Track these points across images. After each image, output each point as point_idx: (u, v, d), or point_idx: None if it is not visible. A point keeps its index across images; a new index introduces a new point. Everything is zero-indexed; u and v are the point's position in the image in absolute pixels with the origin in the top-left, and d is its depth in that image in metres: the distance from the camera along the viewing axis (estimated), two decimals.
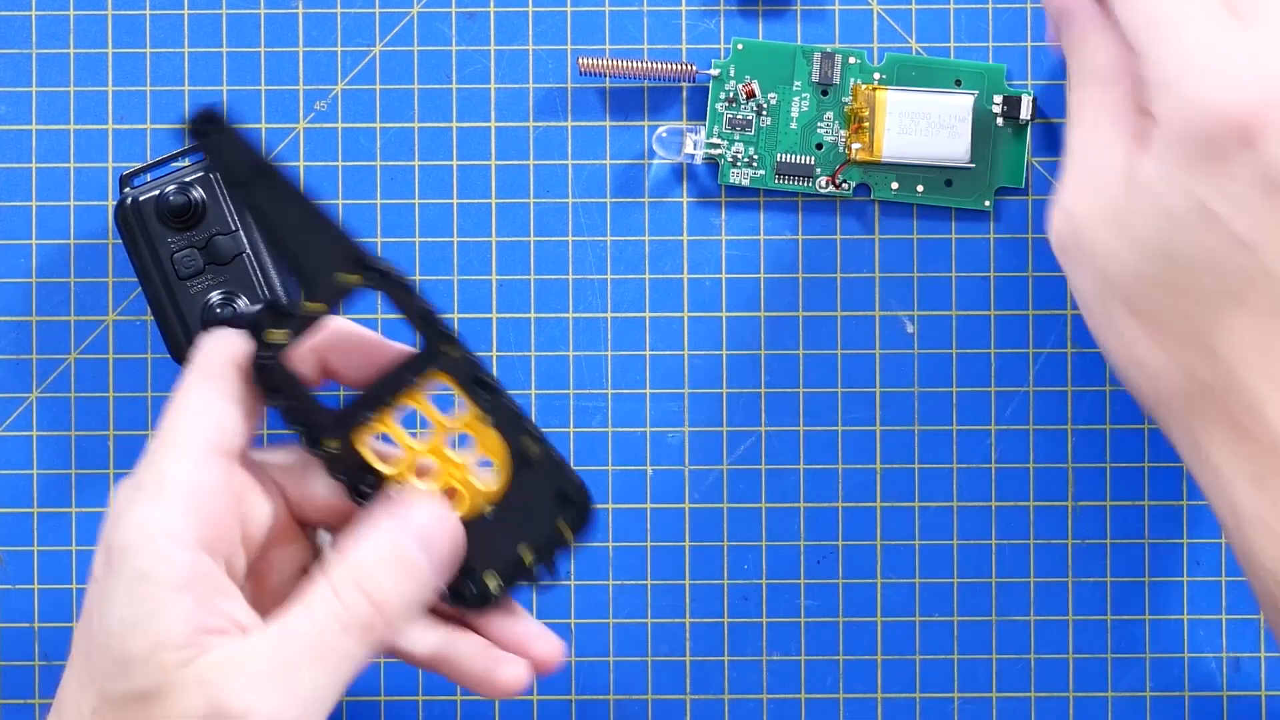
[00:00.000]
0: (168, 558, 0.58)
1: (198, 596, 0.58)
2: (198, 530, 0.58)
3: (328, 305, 0.61)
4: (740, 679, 0.70)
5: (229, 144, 0.60)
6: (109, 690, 0.58)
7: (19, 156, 0.71)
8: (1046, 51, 0.70)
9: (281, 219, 0.60)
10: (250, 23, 0.71)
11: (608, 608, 0.70)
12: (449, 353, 0.61)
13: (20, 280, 0.70)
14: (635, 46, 0.71)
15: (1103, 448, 0.70)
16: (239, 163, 0.60)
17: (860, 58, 0.70)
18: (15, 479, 0.70)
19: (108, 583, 0.58)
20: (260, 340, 0.61)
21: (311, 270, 0.61)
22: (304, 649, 0.57)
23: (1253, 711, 0.70)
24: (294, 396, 0.61)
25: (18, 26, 0.71)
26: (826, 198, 0.71)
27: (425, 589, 0.60)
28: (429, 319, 0.61)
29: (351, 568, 0.59)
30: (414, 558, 0.59)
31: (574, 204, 0.70)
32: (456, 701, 0.70)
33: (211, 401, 0.60)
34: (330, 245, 0.61)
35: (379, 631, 0.58)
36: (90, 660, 0.58)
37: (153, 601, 0.57)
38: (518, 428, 0.62)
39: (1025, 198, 0.70)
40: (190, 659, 0.57)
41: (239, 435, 0.60)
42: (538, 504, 0.62)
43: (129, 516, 0.58)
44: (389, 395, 0.61)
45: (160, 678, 0.57)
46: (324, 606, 0.58)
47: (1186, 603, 0.70)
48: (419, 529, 0.60)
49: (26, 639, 0.70)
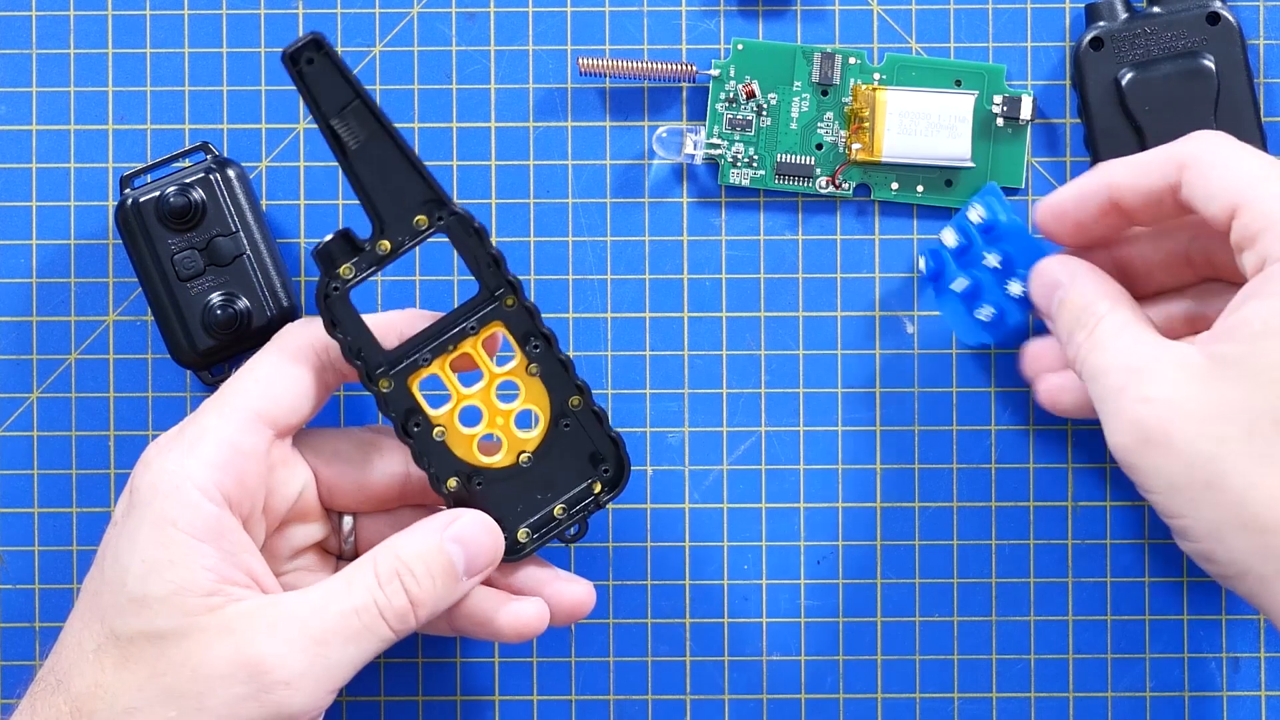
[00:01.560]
0: (196, 506, 0.59)
1: (222, 550, 0.60)
2: (227, 488, 0.60)
3: (399, 245, 0.62)
4: (740, 679, 0.70)
5: (327, 74, 0.61)
6: (119, 627, 0.59)
7: (19, 156, 0.71)
8: (1047, 51, 0.70)
9: (364, 155, 0.61)
10: (250, 23, 0.71)
11: (608, 608, 0.70)
12: (507, 302, 0.63)
13: (20, 280, 0.70)
14: (635, 46, 0.70)
15: (1102, 448, 0.70)
16: (333, 94, 0.61)
17: (860, 58, 0.70)
18: (15, 479, 0.70)
19: (129, 525, 0.60)
20: (330, 271, 0.62)
21: (388, 210, 0.62)
22: (339, 621, 0.59)
23: (1253, 711, 0.70)
24: (354, 332, 0.62)
25: (18, 26, 0.71)
26: (826, 198, 0.70)
27: (460, 591, 0.62)
28: (496, 267, 0.63)
29: (394, 557, 0.61)
30: (454, 562, 0.61)
31: (574, 204, 0.70)
32: (456, 702, 0.70)
33: (275, 374, 0.62)
34: (409, 186, 0.62)
35: (409, 623, 0.60)
36: (99, 598, 0.60)
37: (177, 548, 0.59)
38: (564, 382, 0.63)
39: (1025, 198, 0.70)
40: (215, 606, 0.59)
41: (294, 413, 0.62)
42: (575, 460, 0.64)
43: (160, 462, 0.60)
44: (445, 340, 0.63)
45: (182, 620, 0.58)
46: (365, 589, 0.60)
47: (1186, 603, 0.70)
48: (460, 534, 0.62)
49: (27, 639, 0.70)
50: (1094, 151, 0.69)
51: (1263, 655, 0.70)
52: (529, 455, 0.64)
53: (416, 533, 0.62)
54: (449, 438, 0.63)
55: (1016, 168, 0.70)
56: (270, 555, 0.64)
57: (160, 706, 0.58)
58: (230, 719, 0.58)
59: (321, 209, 0.70)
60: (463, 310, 0.63)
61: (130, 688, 0.58)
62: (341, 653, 0.59)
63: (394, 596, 0.60)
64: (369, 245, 0.62)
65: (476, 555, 0.62)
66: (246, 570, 0.60)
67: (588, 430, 0.64)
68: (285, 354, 0.63)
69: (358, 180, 0.61)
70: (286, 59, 0.60)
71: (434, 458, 0.63)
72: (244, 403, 0.62)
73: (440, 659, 0.70)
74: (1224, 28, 0.68)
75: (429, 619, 0.61)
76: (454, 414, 0.63)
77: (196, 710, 0.58)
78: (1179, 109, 0.68)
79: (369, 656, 0.60)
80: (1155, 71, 0.68)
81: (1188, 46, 0.68)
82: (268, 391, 0.62)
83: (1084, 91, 0.69)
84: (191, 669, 0.58)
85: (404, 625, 0.60)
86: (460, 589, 0.62)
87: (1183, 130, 0.63)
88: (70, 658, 0.60)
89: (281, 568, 0.65)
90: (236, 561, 0.60)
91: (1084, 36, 0.68)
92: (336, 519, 0.66)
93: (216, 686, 0.58)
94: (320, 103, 0.61)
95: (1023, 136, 0.70)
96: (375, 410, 0.70)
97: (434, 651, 0.70)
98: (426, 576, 0.61)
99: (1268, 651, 0.70)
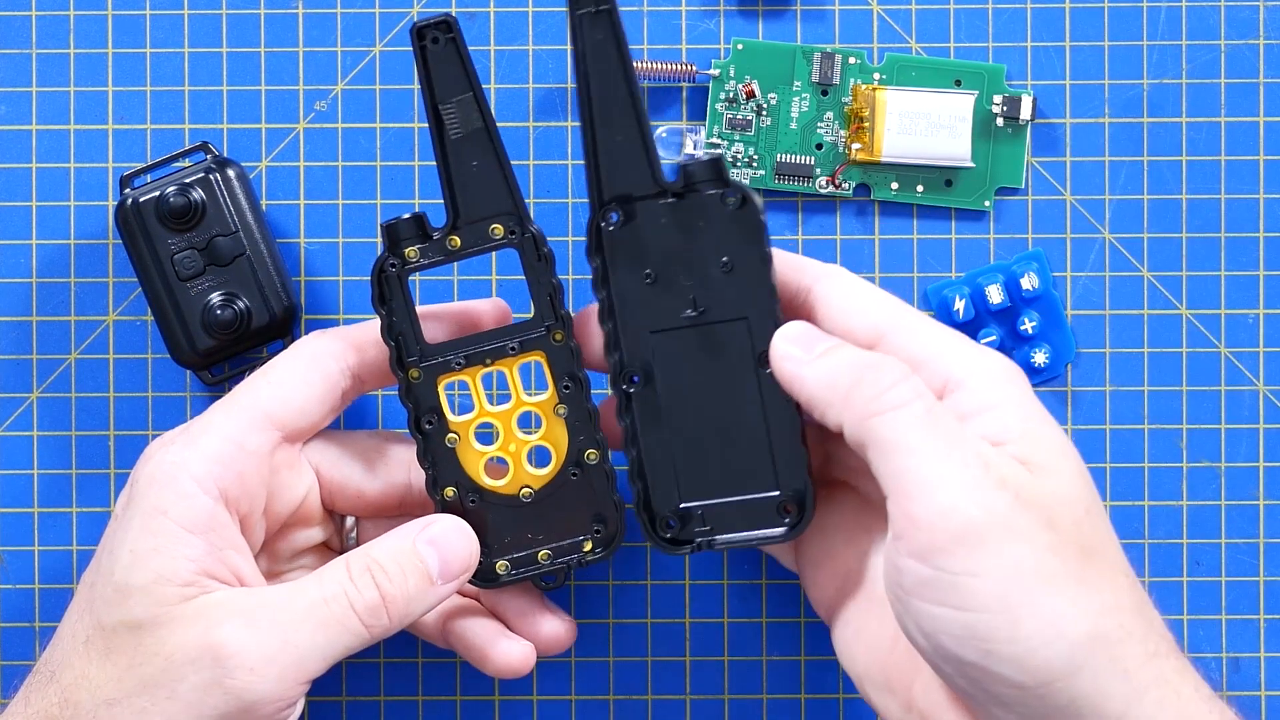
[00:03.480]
0: (189, 497, 0.60)
1: (210, 544, 0.60)
2: (224, 483, 0.60)
3: (468, 246, 0.62)
4: (740, 679, 0.70)
5: (449, 58, 0.61)
6: (104, 618, 0.59)
7: (19, 156, 0.71)
8: (1046, 51, 0.70)
9: (461, 148, 0.61)
10: (250, 23, 0.71)
11: (608, 609, 0.70)
12: (555, 336, 0.62)
13: (20, 280, 0.70)
14: (635, 46, 0.70)
15: (1103, 448, 0.70)
16: (449, 79, 0.61)
17: (860, 58, 0.70)
18: (15, 479, 0.70)
19: (125, 516, 0.60)
20: (394, 248, 0.62)
21: (467, 208, 0.62)
22: (307, 610, 0.59)
23: (1253, 711, 0.70)
24: (400, 314, 0.62)
25: (18, 26, 0.71)
26: (826, 198, 0.70)
27: (433, 593, 0.61)
28: (554, 299, 0.62)
29: (366, 555, 0.61)
30: (425, 561, 0.61)
31: (574, 204, 0.70)
32: (456, 702, 0.70)
33: (290, 378, 0.62)
34: (495, 192, 0.62)
35: (382, 620, 0.60)
36: (93, 590, 0.60)
37: (164, 536, 0.59)
38: (587, 431, 0.63)
39: (1025, 198, 0.70)
40: (190, 596, 0.59)
41: (304, 417, 0.62)
42: (574, 511, 0.63)
43: (160, 455, 0.61)
44: (484, 352, 0.63)
45: (157, 610, 0.58)
46: (335, 580, 0.60)
47: (1186, 603, 0.70)
48: (435, 537, 0.62)
49: (27, 639, 0.70)
50: None
51: (1263, 655, 0.70)
52: (531, 491, 0.63)
53: (391, 534, 0.62)
54: (460, 447, 0.63)
55: (1016, 168, 0.70)
56: (271, 556, 0.64)
57: (137, 698, 0.58)
58: (198, 706, 0.58)
59: (321, 209, 0.70)
60: (511, 329, 0.63)
61: (111, 679, 0.58)
62: (310, 641, 0.59)
63: (365, 590, 0.60)
64: (439, 235, 0.62)
65: (450, 560, 0.62)
66: (231, 567, 0.60)
67: (595, 486, 0.63)
68: (302, 359, 0.63)
69: (447, 169, 0.61)
70: (414, 32, 0.60)
71: (439, 461, 0.63)
72: (253, 402, 0.62)
73: (440, 659, 0.70)
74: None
75: (404, 619, 0.61)
76: (471, 426, 0.63)
77: (168, 699, 0.58)
78: None
79: (340, 650, 0.59)
80: None
81: None
82: (279, 394, 0.62)
83: None
84: (164, 658, 0.58)
85: (376, 620, 0.60)
86: (435, 593, 0.61)
87: None
88: (64, 649, 0.60)
89: (282, 567, 0.65)
90: (222, 557, 0.60)
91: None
92: (339, 518, 0.66)
93: (185, 674, 0.58)
94: (435, 84, 0.61)
95: (1023, 136, 0.70)
96: (375, 417, 0.70)
97: (434, 651, 0.70)
98: (399, 574, 0.60)
99: (1268, 651, 0.70)
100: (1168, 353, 0.70)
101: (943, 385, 0.58)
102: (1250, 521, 0.70)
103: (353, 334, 0.64)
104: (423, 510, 0.65)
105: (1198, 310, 0.70)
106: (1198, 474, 0.70)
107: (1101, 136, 0.70)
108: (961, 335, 0.59)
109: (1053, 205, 0.71)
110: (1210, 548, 0.70)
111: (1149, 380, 0.70)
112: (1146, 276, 0.70)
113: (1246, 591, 0.70)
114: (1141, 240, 0.71)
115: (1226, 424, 0.70)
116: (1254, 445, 0.70)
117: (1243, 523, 0.70)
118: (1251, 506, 0.70)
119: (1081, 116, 0.70)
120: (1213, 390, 0.70)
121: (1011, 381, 0.58)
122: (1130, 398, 0.70)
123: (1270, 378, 0.70)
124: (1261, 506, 0.70)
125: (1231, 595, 0.70)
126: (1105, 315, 0.70)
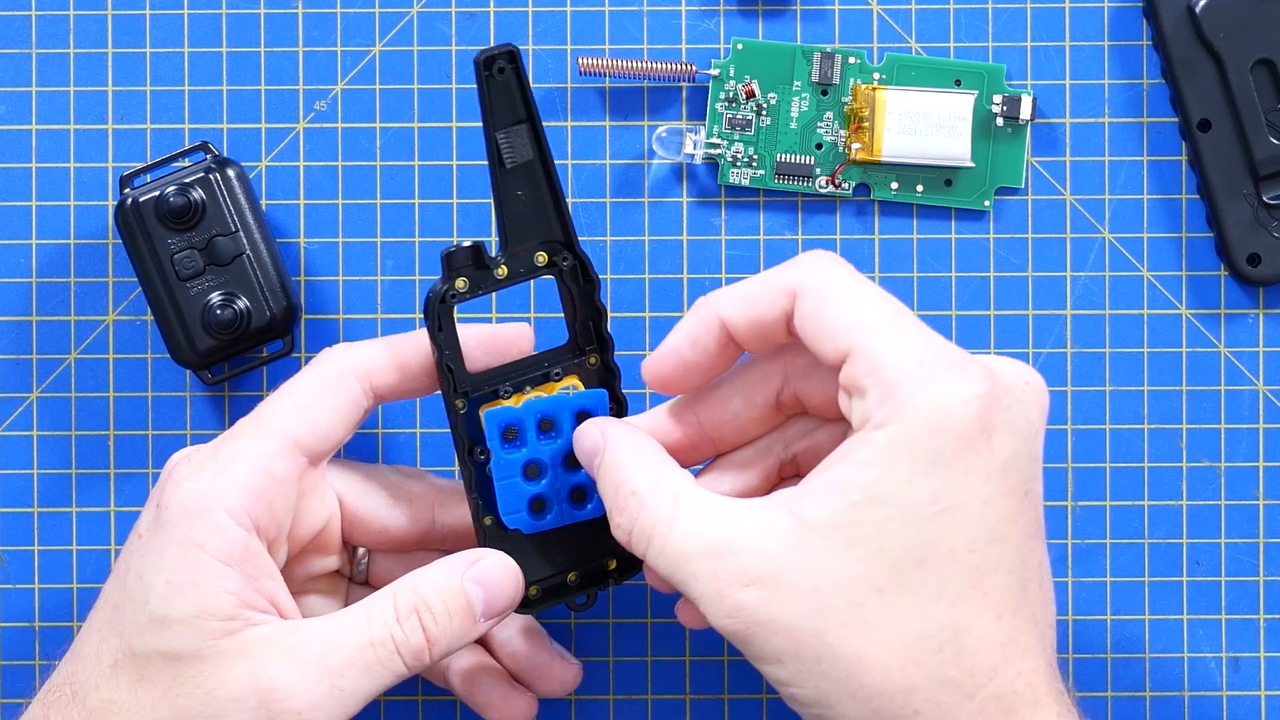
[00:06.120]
0: (224, 531, 0.59)
1: (246, 575, 0.59)
2: (256, 513, 0.60)
3: (514, 275, 0.62)
4: (740, 679, 0.70)
5: (509, 87, 0.61)
6: (138, 646, 0.58)
7: (19, 156, 0.71)
8: (1046, 51, 0.70)
9: (515, 176, 0.61)
10: (250, 23, 0.71)
11: (608, 608, 0.70)
12: (590, 361, 0.63)
13: (20, 280, 0.70)
14: (635, 46, 0.70)
15: (1103, 448, 0.70)
16: (507, 108, 0.61)
17: (860, 58, 0.70)
18: (15, 479, 0.70)
19: (155, 541, 0.60)
20: (449, 277, 0.61)
21: (515, 233, 0.62)
22: (355, 652, 0.59)
23: (1253, 711, 0.70)
24: (450, 345, 0.62)
25: (18, 26, 0.71)
26: (826, 198, 0.70)
27: (476, 633, 0.61)
28: (597, 324, 0.63)
29: (414, 593, 0.60)
30: (474, 603, 0.60)
31: (574, 204, 0.70)
32: (456, 702, 0.70)
33: (315, 400, 0.62)
34: (542, 220, 0.62)
35: (424, 661, 0.60)
36: (120, 614, 0.59)
37: (202, 569, 0.59)
38: None
39: (1025, 198, 0.70)
40: (234, 630, 0.58)
41: (328, 440, 0.62)
42: (600, 536, 0.63)
43: (191, 482, 0.60)
44: (526, 380, 0.63)
45: (200, 645, 0.58)
46: (382, 623, 0.59)
47: (1186, 603, 0.70)
48: (481, 577, 0.61)
49: (27, 639, 0.70)
50: (1174, 83, 0.68)
51: (1263, 655, 0.70)
52: None
53: (438, 570, 0.61)
54: None
55: (1016, 168, 0.70)
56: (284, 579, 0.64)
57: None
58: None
59: (321, 209, 0.70)
60: (548, 355, 0.63)
61: (144, 706, 0.58)
62: (355, 685, 0.59)
63: (411, 633, 0.59)
64: (492, 265, 0.62)
65: (496, 598, 0.61)
66: (268, 595, 0.60)
67: None
68: (327, 379, 0.62)
69: (500, 197, 0.61)
70: (479, 63, 0.60)
71: (484, 493, 0.63)
72: (280, 427, 0.61)
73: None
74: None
75: (443, 657, 0.60)
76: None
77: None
78: (1258, 34, 0.68)
79: (380, 690, 0.59)
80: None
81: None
82: (306, 418, 0.61)
83: (1158, 21, 0.68)
84: (206, 692, 0.58)
85: (418, 662, 0.60)
86: (476, 630, 0.61)
87: (1262, 55, 0.62)
88: (87, 669, 0.60)
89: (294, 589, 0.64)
90: (259, 587, 0.59)
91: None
92: (351, 547, 0.66)
93: (229, 710, 0.58)
94: (494, 112, 0.61)
95: (1022, 136, 0.70)
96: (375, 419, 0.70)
97: None
98: (445, 615, 0.60)
99: (1268, 651, 0.70)
100: (1167, 353, 0.70)
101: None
102: (1250, 521, 0.70)
103: (396, 349, 0.63)
104: (441, 545, 0.65)
105: (1197, 310, 0.70)
106: (1197, 474, 0.70)
107: (1101, 136, 0.71)
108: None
109: (1052, 205, 0.71)
110: (1210, 548, 0.70)
111: (1148, 380, 0.70)
112: (1146, 276, 0.70)
113: (1246, 591, 0.70)
114: (1141, 240, 0.71)
115: (1226, 424, 0.70)
116: (1254, 445, 0.70)
117: (1242, 523, 0.70)
118: (1251, 506, 0.70)
119: (1081, 116, 0.70)
120: (1212, 390, 0.70)
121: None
122: (1130, 397, 0.70)
123: (1270, 378, 0.70)
124: (1261, 506, 0.70)
125: (1231, 595, 0.70)
126: (1105, 315, 0.70)
